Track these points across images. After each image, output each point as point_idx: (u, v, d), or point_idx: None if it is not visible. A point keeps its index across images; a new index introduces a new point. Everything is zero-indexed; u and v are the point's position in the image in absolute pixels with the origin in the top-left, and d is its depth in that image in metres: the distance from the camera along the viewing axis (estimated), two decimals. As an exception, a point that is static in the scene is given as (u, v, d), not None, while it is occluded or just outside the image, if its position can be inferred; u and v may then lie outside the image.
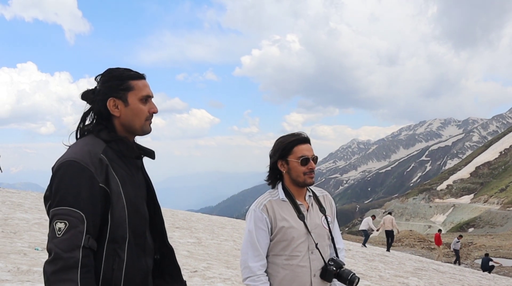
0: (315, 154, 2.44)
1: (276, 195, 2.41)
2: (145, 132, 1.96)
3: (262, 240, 2.31)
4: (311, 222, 2.39)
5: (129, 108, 1.90)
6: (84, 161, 1.72)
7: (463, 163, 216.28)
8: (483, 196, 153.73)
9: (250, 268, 2.28)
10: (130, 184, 1.86)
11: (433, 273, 15.02)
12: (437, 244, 27.41)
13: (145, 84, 1.94)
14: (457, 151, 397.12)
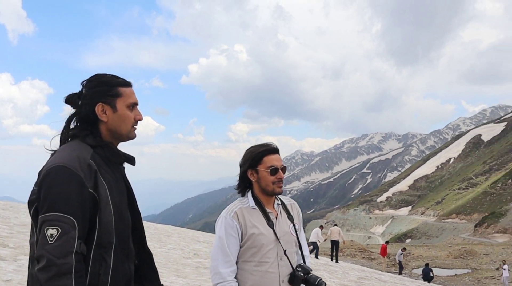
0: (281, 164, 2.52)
1: (246, 203, 2.48)
2: (130, 138, 2.00)
3: (232, 246, 2.36)
4: (280, 230, 2.46)
5: (117, 114, 1.93)
6: (73, 166, 1.72)
7: (402, 176, 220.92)
8: (420, 208, 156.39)
9: (221, 274, 2.32)
10: (115, 189, 1.88)
11: (376, 282, 15.48)
12: (382, 255, 28.39)
13: (132, 92, 1.99)
14: (396, 164, 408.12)
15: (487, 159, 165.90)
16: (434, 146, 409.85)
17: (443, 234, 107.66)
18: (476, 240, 77.96)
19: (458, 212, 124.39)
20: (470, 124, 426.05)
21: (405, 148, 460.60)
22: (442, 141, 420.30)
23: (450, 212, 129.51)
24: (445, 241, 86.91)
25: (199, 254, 11.25)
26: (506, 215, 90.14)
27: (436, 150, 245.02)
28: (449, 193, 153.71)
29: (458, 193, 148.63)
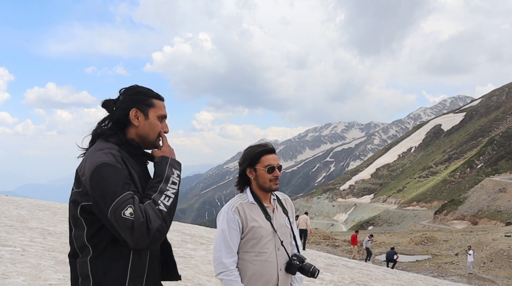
0: (277, 163, 2.72)
1: (245, 199, 2.70)
2: (155, 146, 2.16)
3: (234, 238, 2.57)
4: (276, 222, 2.69)
5: (148, 122, 2.11)
6: (113, 161, 1.91)
7: (364, 165, 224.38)
8: (382, 196, 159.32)
9: (224, 264, 2.53)
10: (143, 179, 2.05)
11: (343, 268, 15.46)
12: (353, 243, 28.58)
13: (164, 105, 2.19)
14: (359, 153, 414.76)
15: (446, 148, 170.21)
16: (396, 135, 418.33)
17: (404, 221, 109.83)
18: (436, 227, 79.74)
19: (419, 200, 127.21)
20: (431, 114, 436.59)
21: (368, 137, 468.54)
22: (403, 130, 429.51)
23: (411, 199, 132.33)
24: (406, 228, 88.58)
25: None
26: (464, 203, 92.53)
27: (398, 139, 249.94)
28: (410, 181, 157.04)
29: (419, 181, 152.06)
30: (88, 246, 1.92)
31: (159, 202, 1.85)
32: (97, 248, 1.91)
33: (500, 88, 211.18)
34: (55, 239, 8.30)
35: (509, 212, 77.50)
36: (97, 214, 1.88)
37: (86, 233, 1.93)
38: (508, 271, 29.48)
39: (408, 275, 20.15)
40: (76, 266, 1.96)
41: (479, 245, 36.58)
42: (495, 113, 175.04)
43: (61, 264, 6.07)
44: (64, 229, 9.74)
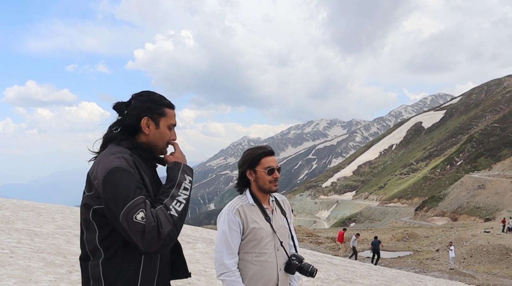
0: (277, 165, 2.78)
1: (245, 200, 2.74)
2: (163, 153, 2.20)
3: (235, 240, 2.62)
4: (276, 223, 2.75)
5: (158, 131, 2.14)
6: (125, 165, 1.94)
7: (346, 162, 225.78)
8: (364, 193, 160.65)
9: (225, 265, 2.58)
10: (153, 182, 2.10)
11: (328, 265, 15.46)
12: (340, 241, 28.97)
13: (174, 114, 2.23)
14: (341, 150, 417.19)
15: (427, 146, 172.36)
16: (377, 132, 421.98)
17: (385, 218, 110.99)
18: (417, 223, 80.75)
19: (400, 197, 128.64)
20: (412, 112, 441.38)
21: (350, 134, 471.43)
22: (385, 128, 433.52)
23: (392, 196, 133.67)
24: (387, 225, 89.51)
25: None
26: (444, 199, 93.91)
27: (379, 137, 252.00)
28: (391, 178, 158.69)
29: (400, 178, 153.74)
30: (100, 249, 1.95)
31: (171, 207, 1.89)
32: (108, 251, 1.94)
33: (479, 86, 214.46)
34: (42, 240, 8.22)
35: (487, 208, 78.89)
36: (109, 217, 1.92)
37: (97, 236, 1.96)
38: (487, 266, 30.06)
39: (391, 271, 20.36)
40: (88, 269, 1.99)
41: (459, 241, 37.16)
42: (474, 111, 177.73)
43: (51, 266, 6.01)
44: (51, 230, 9.66)
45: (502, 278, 26.15)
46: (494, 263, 30.39)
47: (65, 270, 5.93)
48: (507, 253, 31.11)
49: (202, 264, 8.61)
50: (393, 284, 13.22)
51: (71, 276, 5.61)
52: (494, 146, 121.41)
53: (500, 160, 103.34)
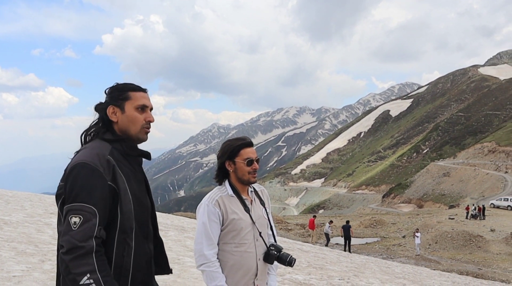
0: (256, 156, 2.80)
1: (225, 191, 2.75)
2: (140, 139, 2.18)
3: (214, 231, 2.63)
4: (255, 214, 2.77)
5: (125, 115, 2.13)
6: (93, 162, 1.95)
7: (315, 149, 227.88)
8: (333, 180, 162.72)
9: (205, 256, 2.60)
10: (134, 180, 2.10)
11: (299, 252, 15.45)
12: (311, 228, 29.13)
13: (142, 95, 2.18)
14: (310, 138, 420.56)
15: (394, 134, 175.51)
16: (346, 120, 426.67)
17: (353, 205, 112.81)
18: (384, 210, 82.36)
19: (368, 184, 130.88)
20: (380, 100, 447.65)
21: (319, 122, 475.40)
22: (353, 115, 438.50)
23: (360, 183, 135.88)
24: (355, 212, 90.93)
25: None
26: (410, 186, 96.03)
27: (348, 125, 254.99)
28: (360, 165, 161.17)
29: (368, 165, 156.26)
30: None
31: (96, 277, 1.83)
32: None
33: (445, 75, 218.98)
34: (12, 229, 7.99)
35: (452, 195, 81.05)
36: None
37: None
38: (451, 252, 30.90)
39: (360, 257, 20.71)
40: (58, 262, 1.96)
41: (425, 227, 38.04)
42: (440, 100, 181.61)
43: (22, 255, 5.86)
44: (20, 219, 9.40)
45: (465, 263, 26.98)
46: (458, 249, 31.28)
47: (37, 259, 5.79)
48: (470, 239, 32.05)
49: (175, 252, 8.52)
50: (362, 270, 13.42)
51: (43, 265, 5.48)
52: (458, 135, 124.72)
53: (464, 148, 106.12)
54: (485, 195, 71.16)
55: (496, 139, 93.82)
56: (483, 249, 30.70)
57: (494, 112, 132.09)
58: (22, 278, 4.79)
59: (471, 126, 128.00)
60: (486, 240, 31.73)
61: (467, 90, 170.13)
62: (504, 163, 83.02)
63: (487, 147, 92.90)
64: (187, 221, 20.45)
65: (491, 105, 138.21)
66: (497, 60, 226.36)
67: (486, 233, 33.59)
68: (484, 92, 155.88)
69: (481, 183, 79.03)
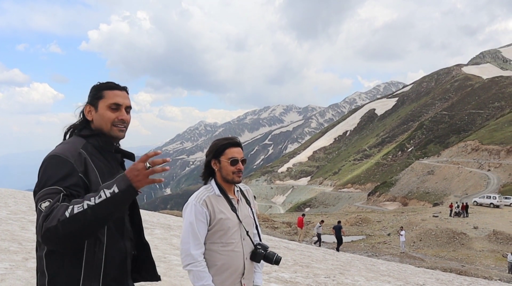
0: (242, 156, 2.79)
1: (211, 191, 2.77)
2: (112, 136, 2.16)
3: (201, 230, 2.65)
4: (241, 214, 2.80)
5: (98, 114, 2.13)
6: (64, 154, 1.94)
7: (302, 148, 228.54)
8: (319, 178, 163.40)
9: (192, 255, 2.61)
10: (108, 175, 2.04)
11: (285, 250, 15.49)
12: (299, 226, 28.96)
13: (116, 94, 2.17)
14: (297, 136, 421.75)
15: (380, 132, 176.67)
16: (332, 119, 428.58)
17: (339, 203, 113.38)
18: (369, 208, 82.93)
19: (353, 182, 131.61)
20: (366, 99, 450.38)
21: (305, 120, 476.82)
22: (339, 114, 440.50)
23: (346, 182, 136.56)
24: (341, 210, 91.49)
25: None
26: (395, 185, 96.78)
27: (334, 123, 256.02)
28: (345, 164, 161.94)
29: (354, 164, 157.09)
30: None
31: (72, 207, 1.74)
32: None
33: (429, 75, 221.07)
34: (-6, 227, 7.91)
35: (436, 193, 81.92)
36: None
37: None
38: (435, 249, 31.27)
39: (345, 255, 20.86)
40: (36, 261, 1.96)
41: (409, 225, 38.41)
42: (425, 99, 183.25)
43: (5, 253, 5.80)
44: (3, 216, 9.30)
45: (449, 260, 27.33)
46: (442, 246, 31.66)
47: (20, 257, 5.74)
48: (454, 236, 32.46)
49: (161, 250, 8.52)
50: (348, 268, 13.52)
51: (27, 263, 5.43)
52: (442, 133, 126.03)
53: (448, 147, 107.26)
54: (468, 193, 72.05)
55: (479, 137, 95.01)
56: (466, 246, 31.11)
57: (477, 111, 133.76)
58: (5, 276, 4.74)
59: (455, 125, 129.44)
60: (469, 238, 32.15)
61: (451, 89, 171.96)
62: (486, 161, 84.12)
63: (470, 145, 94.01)
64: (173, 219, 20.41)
65: (474, 104, 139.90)
66: (480, 59, 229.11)
67: (469, 231, 34.01)
68: (468, 91, 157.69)
69: (465, 181, 80.00)
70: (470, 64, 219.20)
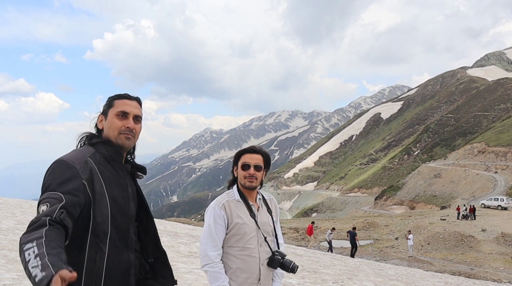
0: (256, 162, 2.88)
1: (232, 196, 2.88)
2: (119, 144, 2.17)
3: (219, 233, 2.76)
4: (260, 220, 2.88)
5: (107, 122, 2.19)
6: (70, 160, 1.98)
7: (308, 153, 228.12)
8: (325, 183, 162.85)
9: (209, 256, 2.72)
10: (116, 185, 2.08)
11: (293, 256, 15.27)
12: (309, 234, 29.29)
13: (125, 103, 2.22)
14: (303, 142, 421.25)
15: (386, 136, 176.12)
16: (338, 123, 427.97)
17: (346, 208, 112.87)
18: (377, 212, 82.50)
19: (360, 186, 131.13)
20: (371, 103, 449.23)
21: (311, 125, 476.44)
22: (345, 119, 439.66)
23: (352, 186, 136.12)
24: (348, 214, 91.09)
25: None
26: (402, 188, 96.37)
27: (340, 128, 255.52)
28: (352, 168, 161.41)
29: (360, 168, 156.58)
30: None
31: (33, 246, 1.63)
32: None
33: (434, 78, 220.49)
34: (2, 236, 7.95)
35: (443, 196, 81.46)
36: None
37: None
38: (444, 252, 31.13)
39: (353, 260, 20.81)
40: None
41: (417, 229, 38.26)
42: (430, 102, 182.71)
43: (13, 263, 5.85)
44: (11, 226, 9.39)
45: (457, 264, 27.18)
46: (450, 250, 31.52)
47: (28, 268, 5.79)
48: (462, 239, 32.30)
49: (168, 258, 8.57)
50: (356, 273, 13.51)
51: (35, 275, 5.48)
52: (449, 136, 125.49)
53: (455, 150, 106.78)
54: (475, 196, 71.64)
55: (486, 139, 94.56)
56: (474, 249, 30.94)
57: (483, 113, 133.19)
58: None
59: (461, 127, 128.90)
60: (477, 240, 31.98)
61: (456, 92, 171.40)
62: (493, 163, 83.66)
63: (477, 147, 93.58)
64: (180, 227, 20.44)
65: (480, 106, 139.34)
66: (484, 61, 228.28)
67: (477, 233, 33.83)
68: (473, 93, 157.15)
69: (472, 184, 79.55)
70: (475, 67, 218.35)
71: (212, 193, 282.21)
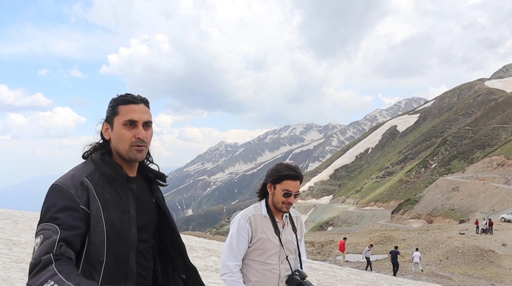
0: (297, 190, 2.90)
1: (259, 210, 2.90)
2: (131, 158, 1.95)
3: (241, 245, 2.79)
4: (284, 238, 2.89)
5: (114, 132, 1.94)
6: (64, 184, 1.81)
7: (323, 166, 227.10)
8: (341, 196, 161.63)
9: (228, 266, 2.76)
10: (115, 208, 1.88)
11: (309, 270, 15.08)
12: (341, 250, 29.54)
13: (131, 109, 1.94)
14: (318, 155, 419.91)
15: (402, 149, 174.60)
16: (353, 136, 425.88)
17: (362, 221, 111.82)
18: (393, 226, 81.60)
19: (376, 200, 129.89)
20: (387, 116, 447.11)
21: (326, 138, 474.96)
22: (360, 131, 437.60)
23: (368, 200, 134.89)
24: (364, 228, 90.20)
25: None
26: (419, 202, 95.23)
27: (355, 141, 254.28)
28: (368, 182, 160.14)
29: (376, 181, 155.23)
30: None
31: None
32: None
33: (451, 90, 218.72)
34: (21, 250, 8.03)
35: (462, 210, 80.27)
36: None
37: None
38: (463, 267, 30.59)
39: (370, 275, 20.58)
40: None
41: (435, 243, 37.74)
42: (447, 114, 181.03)
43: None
44: (29, 239, 9.46)
45: (477, 279, 26.64)
46: (470, 264, 30.95)
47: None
48: (481, 254, 31.72)
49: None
50: (373, 288, 13.33)
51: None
52: (467, 149, 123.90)
53: (473, 163, 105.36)
54: (495, 209, 70.50)
55: (505, 152, 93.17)
56: (495, 264, 30.34)
57: (502, 125, 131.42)
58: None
59: (479, 140, 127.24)
60: (498, 255, 31.37)
61: (474, 104, 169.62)
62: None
63: (496, 160, 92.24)
64: (195, 240, 20.43)
65: (499, 118, 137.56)
66: (503, 73, 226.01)
67: (497, 248, 33.21)
68: (491, 105, 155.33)
69: (491, 197, 78.31)
70: (493, 78, 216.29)
71: (227, 207, 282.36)
